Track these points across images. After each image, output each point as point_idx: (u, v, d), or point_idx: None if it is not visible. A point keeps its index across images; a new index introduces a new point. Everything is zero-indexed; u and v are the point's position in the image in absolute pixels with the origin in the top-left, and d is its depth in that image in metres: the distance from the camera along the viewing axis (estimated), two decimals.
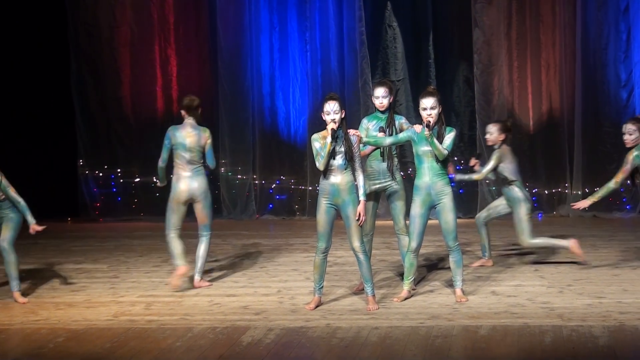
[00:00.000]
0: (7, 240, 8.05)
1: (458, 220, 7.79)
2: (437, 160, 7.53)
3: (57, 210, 13.61)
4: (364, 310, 7.41)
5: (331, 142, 7.31)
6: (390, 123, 8.00)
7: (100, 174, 13.64)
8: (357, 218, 7.35)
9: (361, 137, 7.57)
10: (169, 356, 6.34)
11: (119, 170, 13.64)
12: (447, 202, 7.57)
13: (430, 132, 7.43)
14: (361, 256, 7.42)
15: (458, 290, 7.72)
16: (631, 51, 12.74)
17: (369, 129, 8.02)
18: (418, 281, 8.35)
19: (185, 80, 13.66)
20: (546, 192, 13.00)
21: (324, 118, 7.39)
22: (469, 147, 13.15)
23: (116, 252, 10.68)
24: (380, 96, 8.00)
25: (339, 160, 7.38)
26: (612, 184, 8.41)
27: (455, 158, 13.03)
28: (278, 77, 13.54)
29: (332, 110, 7.35)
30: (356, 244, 7.41)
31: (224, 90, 13.51)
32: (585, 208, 8.60)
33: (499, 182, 9.12)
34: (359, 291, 8.05)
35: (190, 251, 8.54)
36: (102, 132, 13.72)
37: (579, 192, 12.76)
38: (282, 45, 13.51)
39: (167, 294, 8.20)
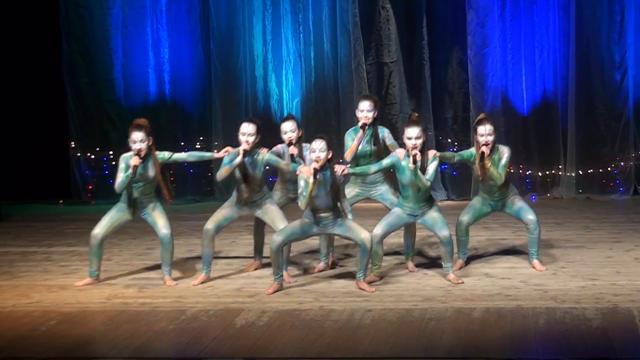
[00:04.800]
0: (166, 228, 7.92)
1: (452, 202, 7.79)
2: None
3: (49, 192, 13.57)
4: (357, 293, 7.41)
5: (313, 183, 7.23)
6: (375, 137, 7.97)
7: (92, 156, 13.57)
8: (340, 172, 7.32)
9: (346, 171, 7.51)
10: (162, 339, 6.33)
11: (110, 152, 13.55)
12: (431, 212, 7.72)
13: (415, 165, 7.44)
14: (368, 245, 7.39)
15: (451, 275, 7.74)
16: (625, 33, 12.69)
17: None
18: (416, 264, 8.35)
19: (177, 62, 13.57)
20: (540, 174, 12.98)
21: (310, 157, 7.32)
22: (463, 129, 13.10)
23: (109, 235, 10.61)
24: (365, 110, 7.94)
25: (323, 197, 7.34)
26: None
27: (449, 140, 13.00)
28: (271, 59, 13.45)
29: (318, 149, 7.26)
30: (363, 234, 7.38)
31: (216, 72, 13.43)
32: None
33: None
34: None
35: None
36: (94, 115, 13.63)
37: (573, 174, 12.76)
38: (274, 26, 13.40)
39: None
